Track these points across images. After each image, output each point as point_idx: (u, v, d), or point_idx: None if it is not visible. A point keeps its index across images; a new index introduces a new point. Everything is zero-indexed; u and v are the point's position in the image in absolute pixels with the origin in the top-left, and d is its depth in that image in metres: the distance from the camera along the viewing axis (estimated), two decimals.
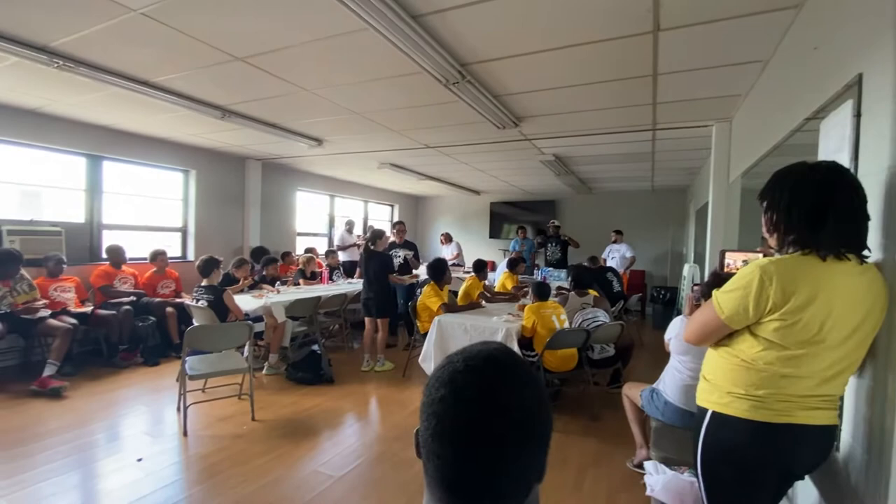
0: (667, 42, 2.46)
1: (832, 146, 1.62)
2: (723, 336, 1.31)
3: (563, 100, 3.38)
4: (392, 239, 5.38)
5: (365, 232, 8.47)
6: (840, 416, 1.35)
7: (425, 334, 3.92)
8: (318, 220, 8.18)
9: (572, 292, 4.08)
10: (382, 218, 10.08)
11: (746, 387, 1.25)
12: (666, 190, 8.08)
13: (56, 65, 2.88)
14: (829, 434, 1.26)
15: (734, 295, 1.23)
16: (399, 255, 5.28)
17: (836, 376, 1.21)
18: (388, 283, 4.45)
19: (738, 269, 1.65)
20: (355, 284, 5.66)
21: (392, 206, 10.18)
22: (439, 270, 4.22)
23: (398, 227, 5.53)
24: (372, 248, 4.47)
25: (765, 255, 1.26)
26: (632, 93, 3.21)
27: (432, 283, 4.19)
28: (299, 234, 7.43)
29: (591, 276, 4.20)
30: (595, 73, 2.90)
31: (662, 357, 2.86)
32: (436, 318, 3.73)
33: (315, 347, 4.21)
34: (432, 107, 3.62)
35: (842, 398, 1.36)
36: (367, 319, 4.48)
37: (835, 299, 1.16)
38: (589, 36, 2.43)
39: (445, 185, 8.18)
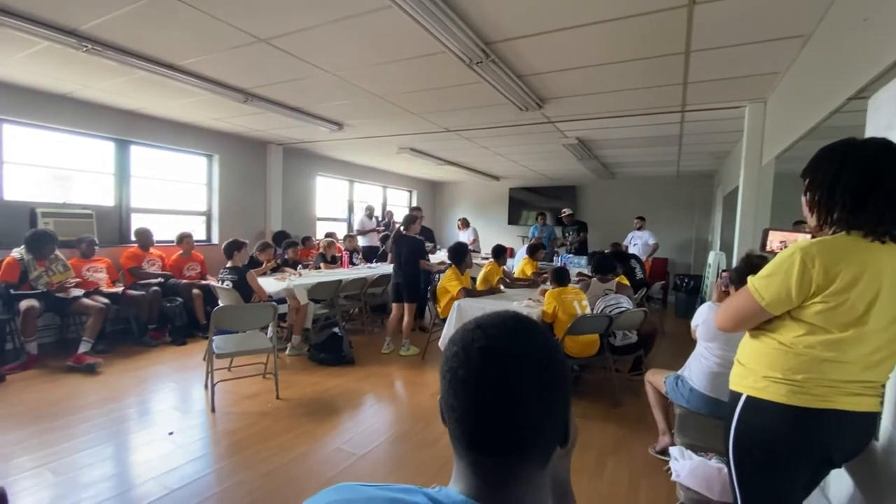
0: (702, 16, 2.36)
1: (883, 123, 1.53)
2: (760, 322, 1.27)
3: (590, 80, 3.30)
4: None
5: (384, 217, 8.53)
6: (881, 402, 1.31)
7: (444, 319, 3.93)
8: (338, 206, 8.25)
9: (594, 278, 4.03)
10: (401, 203, 10.10)
11: (784, 371, 1.21)
12: (692, 175, 7.87)
13: (85, 48, 2.94)
14: (871, 421, 1.22)
15: (774, 280, 1.19)
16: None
17: (881, 362, 1.17)
18: (418, 268, 4.47)
19: (773, 251, 1.59)
20: (375, 269, 5.73)
21: (410, 191, 10.19)
22: (460, 254, 4.22)
23: (417, 212, 5.51)
24: (404, 232, 4.50)
25: (813, 237, 1.20)
26: (662, 72, 3.10)
27: (453, 266, 4.19)
28: (319, 219, 7.51)
29: (613, 263, 4.14)
30: (625, 51, 2.80)
31: (685, 345, 2.80)
32: (456, 302, 3.74)
33: (336, 330, 4.29)
34: (454, 88, 3.57)
35: (884, 385, 1.31)
36: (394, 305, 4.54)
37: (882, 279, 1.11)
38: (621, 10, 2.34)
39: (464, 171, 8.13)
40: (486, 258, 6.60)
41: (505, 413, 0.52)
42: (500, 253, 4.82)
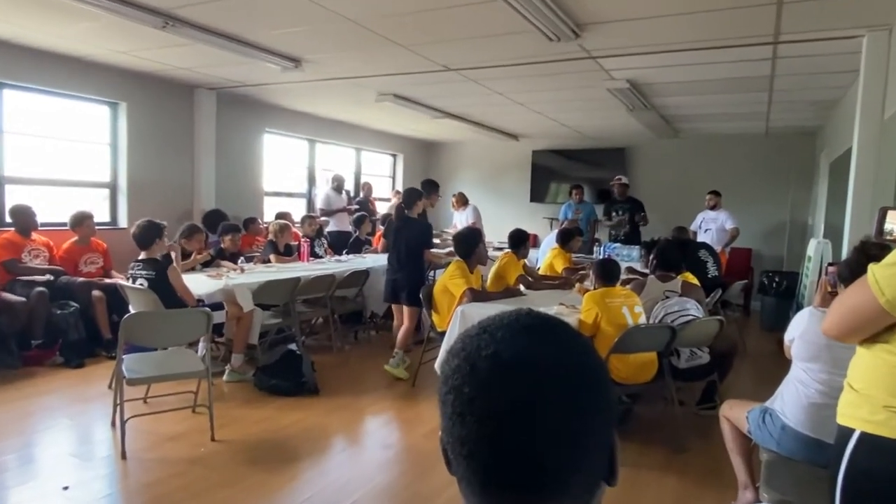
0: None
1: None
2: (881, 328, 1.29)
3: None
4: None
5: (358, 191, 8.50)
6: None
7: (443, 333, 3.95)
8: (295, 175, 8.19)
9: (652, 276, 4.04)
10: (381, 172, 10.08)
11: None
12: (786, 133, 7.87)
13: None
14: None
15: None
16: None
17: None
18: (422, 260, 4.54)
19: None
20: (346, 263, 5.74)
21: (394, 155, 10.17)
22: (469, 243, 4.22)
23: (432, 190, 5.27)
24: (407, 213, 4.59)
25: None
26: None
27: (458, 261, 4.21)
28: (268, 194, 7.51)
29: (678, 255, 4.14)
30: None
31: (774, 368, 2.82)
32: (458, 309, 3.75)
33: (293, 347, 4.30)
34: (458, 9, 3.56)
35: None
36: (394, 308, 4.66)
37: None
38: None
39: (470, 126, 8.11)
40: (501, 248, 6.61)
41: (528, 440, 0.53)
42: (520, 241, 4.83)
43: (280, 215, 6.55)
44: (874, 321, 1.27)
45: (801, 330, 2.33)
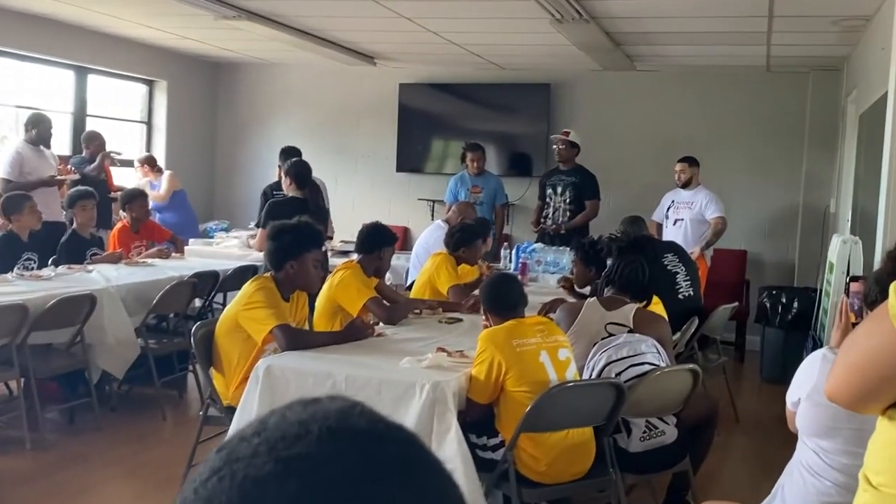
0: None
1: None
2: None
3: None
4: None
5: (79, 146, 8.14)
6: None
7: (231, 412, 3.85)
8: None
9: (593, 299, 4.16)
10: (127, 114, 9.81)
11: None
12: (796, 67, 8.40)
13: None
14: None
15: None
16: None
17: None
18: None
19: None
20: (53, 281, 5.51)
21: (151, 82, 9.97)
22: (296, 246, 4.14)
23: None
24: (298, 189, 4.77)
25: None
26: None
27: (263, 277, 4.17)
28: None
29: (641, 270, 4.27)
30: None
31: (783, 444, 3.00)
32: (260, 364, 3.65)
33: None
34: None
35: None
36: None
37: None
38: None
39: (289, 37, 7.97)
40: (345, 253, 6.56)
41: None
42: (376, 242, 4.86)
43: None
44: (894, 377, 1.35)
45: (809, 387, 2.44)
